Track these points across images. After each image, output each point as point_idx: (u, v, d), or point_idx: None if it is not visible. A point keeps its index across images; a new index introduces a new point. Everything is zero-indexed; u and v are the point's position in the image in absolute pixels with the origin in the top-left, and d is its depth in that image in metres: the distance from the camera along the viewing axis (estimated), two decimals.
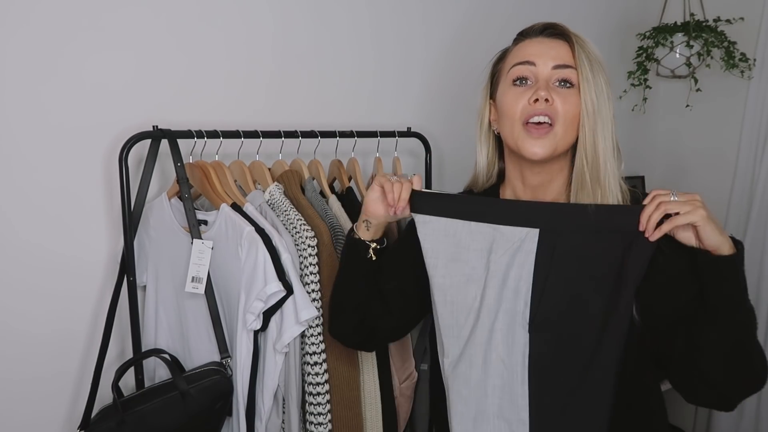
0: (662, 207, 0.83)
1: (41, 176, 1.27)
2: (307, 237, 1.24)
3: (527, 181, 1.00)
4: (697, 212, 0.82)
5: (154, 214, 1.34)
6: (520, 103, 0.94)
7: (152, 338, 1.36)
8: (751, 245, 2.20)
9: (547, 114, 0.92)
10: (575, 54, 0.93)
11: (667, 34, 2.19)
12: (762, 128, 2.21)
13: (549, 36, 0.96)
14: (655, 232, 0.84)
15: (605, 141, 0.93)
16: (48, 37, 1.25)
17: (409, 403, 1.51)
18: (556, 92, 0.92)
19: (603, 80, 0.94)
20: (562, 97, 0.92)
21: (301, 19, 1.60)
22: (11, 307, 1.26)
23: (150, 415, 1.17)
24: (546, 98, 0.91)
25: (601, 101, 0.93)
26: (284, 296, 1.19)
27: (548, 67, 0.93)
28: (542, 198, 1.01)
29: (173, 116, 1.39)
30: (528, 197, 1.02)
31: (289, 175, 1.38)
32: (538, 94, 0.92)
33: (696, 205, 0.83)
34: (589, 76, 0.92)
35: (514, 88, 0.95)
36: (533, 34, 0.97)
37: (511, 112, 0.95)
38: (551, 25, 0.97)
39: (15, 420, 1.28)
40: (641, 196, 0.95)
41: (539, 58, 0.94)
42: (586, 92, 0.92)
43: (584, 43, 0.94)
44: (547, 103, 0.92)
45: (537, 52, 0.95)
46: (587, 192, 0.93)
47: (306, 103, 1.63)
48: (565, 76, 0.93)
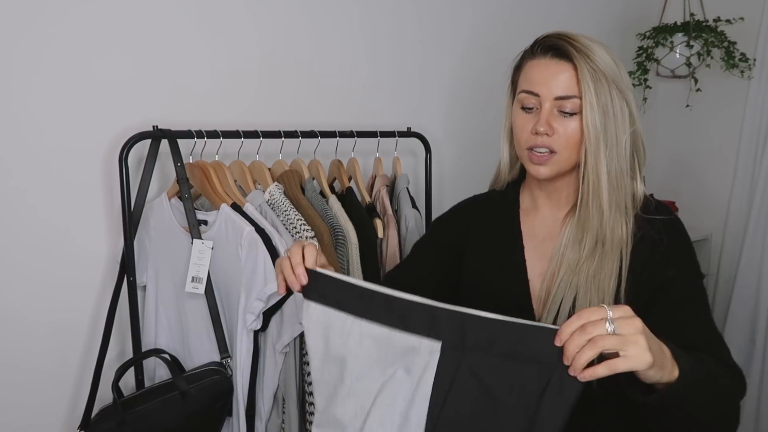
0: (598, 343, 0.65)
1: (41, 176, 1.27)
2: (307, 237, 1.25)
3: (542, 184, 1.02)
4: (642, 356, 0.66)
5: (154, 214, 1.34)
6: (525, 131, 0.96)
7: (152, 338, 1.36)
8: (752, 245, 2.20)
9: (547, 145, 0.94)
10: (579, 79, 0.92)
11: (667, 34, 2.19)
12: (762, 128, 2.21)
13: (554, 57, 0.95)
14: (586, 372, 0.66)
15: (611, 162, 0.92)
16: (48, 37, 1.25)
17: None
18: (558, 121, 0.93)
19: (613, 95, 0.92)
20: (564, 124, 0.93)
21: (302, 19, 1.60)
22: (11, 308, 1.26)
23: (150, 414, 1.17)
24: (546, 132, 0.93)
25: (608, 120, 0.92)
26: (284, 296, 1.19)
27: (550, 98, 0.94)
28: (557, 200, 1.01)
29: (173, 116, 1.39)
30: (543, 198, 1.02)
31: (289, 175, 1.38)
32: (537, 128, 0.93)
33: (639, 344, 0.66)
34: (593, 99, 0.91)
35: (522, 114, 0.97)
36: (540, 54, 0.96)
37: (518, 137, 0.98)
38: (556, 45, 0.94)
39: (15, 420, 1.28)
40: (653, 206, 0.94)
41: (542, 87, 0.94)
42: (588, 116, 0.91)
43: (590, 61, 0.92)
44: (547, 137, 0.94)
45: (540, 80, 0.95)
46: (588, 215, 0.93)
47: (306, 103, 1.63)
48: (566, 107, 0.93)
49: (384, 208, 1.48)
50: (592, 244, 0.92)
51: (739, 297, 2.24)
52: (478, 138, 1.98)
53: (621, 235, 0.92)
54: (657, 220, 0.94)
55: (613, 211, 0.92)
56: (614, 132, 0.92)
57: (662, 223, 0.94)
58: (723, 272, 2.37)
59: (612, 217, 0.92)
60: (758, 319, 2.18)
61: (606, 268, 0.91)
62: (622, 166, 0.93)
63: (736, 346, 2.18)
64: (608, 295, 0.90)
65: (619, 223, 0.92)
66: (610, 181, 0.92)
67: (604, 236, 0.92)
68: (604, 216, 0.92)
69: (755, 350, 2.18)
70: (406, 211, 1.50)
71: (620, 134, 0.93)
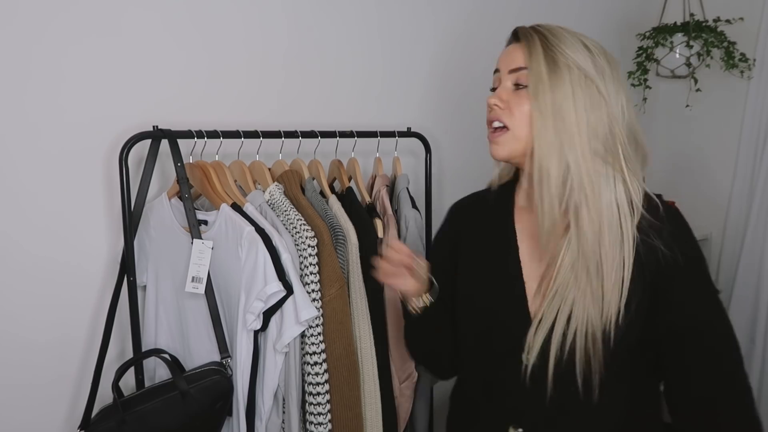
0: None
1: (41, 176, 1.27)
2: (307, 237, 1.25)
3: (533, 181, 1.01)
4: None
5: (154, 214, 1.34)
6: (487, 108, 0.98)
7: (152, 338, 1.36)
8: (752, 245, 2.20)
9: (498, 119, 0.94)
10: (530, 51, 0.92)
11: (667, 34, 2.19)
12: (762, 128, 2.21)
13: (514, 41, 0.97)
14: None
15: (562, 151, 0.88)
16: (48, 37, 1.25)
17: (409, 403, 1.51)
18: (512, 95, 0.94)
19: (573, 77, 0.88)
20: (516, 98, 0.93)
21: (302, 19, 1.60)
22: (11, 308, 1.26)
23: (150, 415, 1.17)
24: (495, 104, 0.94)
25: (563, 100, 0.88)
26: (284, 296, 1.19)
27: (506, 72, 0.95)
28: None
29: (173, 116, 1.39)
30: (532, 193, 1.00)
31: (289, 175, 1.38)
32: (489, 102, 0.95)
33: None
34: (541, 71, 0.89)
35: (489, 94, 0.99)
36: (507, 42, 0.99)
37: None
38: (517, 29, 0.96)
39: (15, 420, 1.28)
40: (660, 208, 0.91)
41: (501, 64, 0.97)
42: (533, 88, 0.90)
43: (545, 39, 0.91)
44: (497, 108, 0.94)
45: (501, 58, 0.97)
46: (541, 210, 0.90)
47: (306, 103, 1.63)
48: (517, 78, 0.93)
49: (384, 208, 1.48)
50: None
51: (739, 297, 2.24)
52: (478, 138, 1.98)
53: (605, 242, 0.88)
54: (664, 230, 0.89)
55: (553, 218, 0.89)
56: (574, 120, 0.88)
57: (670, 234, 0.90)
58: (723, 272, 2.37)
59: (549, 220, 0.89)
60: (758, 319, 2.18)
61: (606, 270, 0.88)
62: (586, 156, 0.88)
63: None
64: (607, 295, 0.88)
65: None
66: (563, 175, 0.88)
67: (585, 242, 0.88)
68: (546, 217, 0.89)
69: (755, 350, 2.18)
70: (406, 211, 1.50)
71: (581, 120, 0.88)
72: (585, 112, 0.89)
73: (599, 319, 0.88)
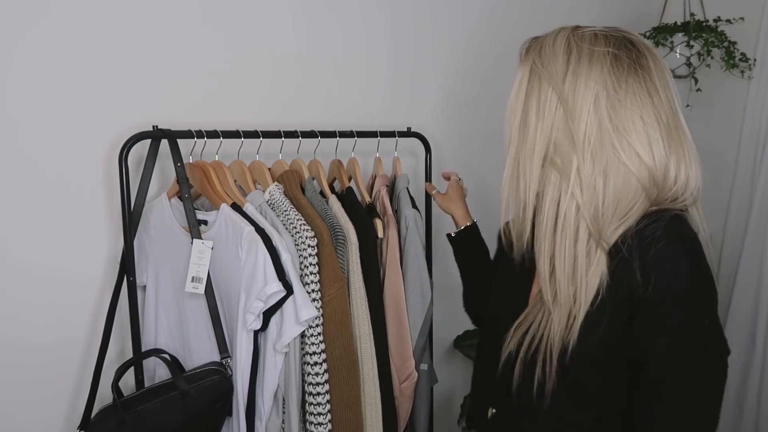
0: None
1: (41, 176, 1.27)
2: (307, 237, 1.25)
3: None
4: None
5: (154, 214, 1.34)
6: None
7: (152, 338, 1.36)
8: (752, 245, 2.20)
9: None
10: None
11: (667, 34, 2.18)
12: (762, 128, 2.21)
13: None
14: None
15: (518, 154, 0.90)
16: (48, 38, 1.25)
17: (409, 403, 1.51)
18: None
19: (542, 82, 0.86)
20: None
21: (301, 19, 1.60)
22: (11, 308, 1.26)
23: (150, 415, 1.17)
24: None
25: (528, 105, 0.88)
26: (284, 296, 1.19)
27: None
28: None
29: (173, 116, 1.39)
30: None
31: (289, 175, 1.38)
32: None
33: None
34: (518, 77, 0.91)
35: None
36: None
37: None
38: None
39: (15, 420, 1.28)
40: (660, 230, 0.83)
41: None
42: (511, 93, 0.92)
43: (534, 47, 0.91)
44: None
45: None
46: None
47: (306, 103, 1.63)
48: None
49: (384, 208, 1.48)
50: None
51: (739, 297, 2.24)
52: (478, 138, 1.98)
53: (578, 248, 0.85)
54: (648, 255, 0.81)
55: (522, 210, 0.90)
56: (534, 122, 0.87)
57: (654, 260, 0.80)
58: (723, 272, 2.37)
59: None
60: (758, 319, 2.17)
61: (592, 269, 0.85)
62: (534, 164, 0.87)
63: (737, 346, 2.18)
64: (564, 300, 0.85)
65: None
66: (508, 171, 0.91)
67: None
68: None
69: (755, 350, 2.18)
70: (406, 211, 1.49)
71: (533, 127, 0.87)
72: (541, 120, 0.87)
73: (558, 325, 0.85)
